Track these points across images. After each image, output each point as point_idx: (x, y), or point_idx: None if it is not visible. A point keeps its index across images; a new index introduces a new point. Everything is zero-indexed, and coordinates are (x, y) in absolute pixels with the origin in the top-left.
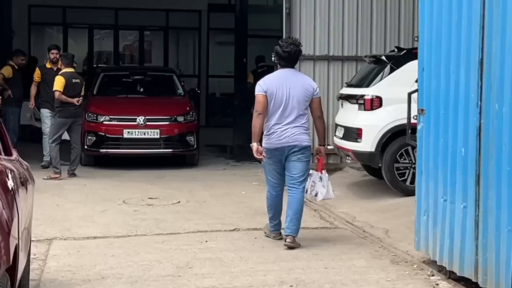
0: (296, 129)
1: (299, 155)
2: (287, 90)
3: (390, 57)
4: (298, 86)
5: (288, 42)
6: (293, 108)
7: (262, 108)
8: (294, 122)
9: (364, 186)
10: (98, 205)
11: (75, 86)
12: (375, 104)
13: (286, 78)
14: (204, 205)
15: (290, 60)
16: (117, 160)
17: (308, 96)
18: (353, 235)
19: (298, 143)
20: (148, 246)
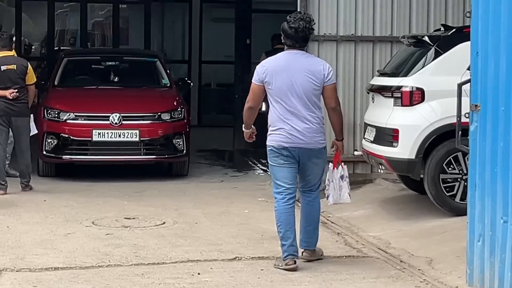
0: (306, 126)
1: (314, 159)
2: (290, 76)
3: (434, 38)
4: (302, 71)
5: (297, 17)
6: (300, 100)
7: (254, 100)
8: (301, 118)
9: (401, 203)
10: (60, 227)
11: (7, 74)
12: (415, 98)
13: (290, 61)
14: (196, 227)
15: (297, 39)
16: (84, 169)
17: (317, 83)
18: (387, 266)
19: (312, 146)
20: (124, 279)
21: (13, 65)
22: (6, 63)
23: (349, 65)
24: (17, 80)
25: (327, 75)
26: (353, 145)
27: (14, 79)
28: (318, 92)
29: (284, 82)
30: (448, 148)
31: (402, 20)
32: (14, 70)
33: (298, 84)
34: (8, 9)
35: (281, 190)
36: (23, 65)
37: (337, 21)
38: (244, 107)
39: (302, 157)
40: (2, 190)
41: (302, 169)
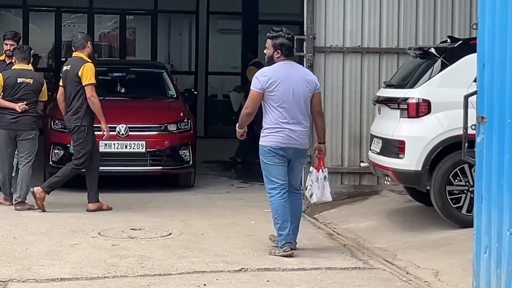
0: (300, 130)
1: (301, 159)
2: (291, 85)
3: (441, 50)
4: (301, 80)
5: (284, 29)
6: (298, 105)
7: (253, 106)
8: (298, 122)
9: (407, 215)
10: (66, 237)
11: (21, 88)
12: (421, 110)
13: (290, 71)
14: (202, 239)
15: (291, 49)
16: None
17: (310, 91)
18: (394, 278)
19: (303, 147)
20: None
21: (30, 79)
22: (24, 76)
23: (355, 77)
24: (30, 94)
25: (317, 84)
26: (359, 156)
27: (27, 93)
28: (309, 99)
29: (286, 89)
30: (455, 160)
31: (409, 32)
32: (30, 85)
33: (298, 91)
34: (15, 20)
35: (276, 186)
36: (40, 82)
37: (344, 33)
38: (243, 112)
39: (293, 157)
40: (8, 201)
41: (290, 169)
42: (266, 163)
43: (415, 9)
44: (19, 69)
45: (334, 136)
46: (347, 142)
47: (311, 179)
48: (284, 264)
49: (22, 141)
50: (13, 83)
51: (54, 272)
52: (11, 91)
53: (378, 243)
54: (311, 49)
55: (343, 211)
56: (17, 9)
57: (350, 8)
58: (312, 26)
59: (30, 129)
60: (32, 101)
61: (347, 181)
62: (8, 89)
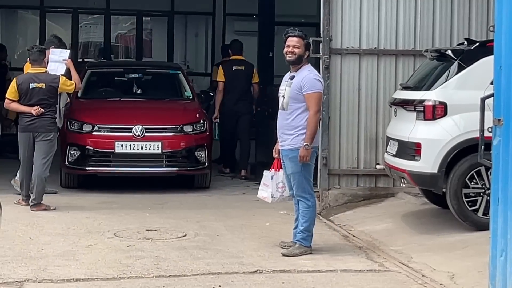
0: None
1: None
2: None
3: (457, 52)
4: None
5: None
6: None
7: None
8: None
9: (423, 217)
10: (82, 238)
11: (34, 93)
12: (438, 112)
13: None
14: (217, 240)
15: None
16: (107, 181)
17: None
18: (409, 280)
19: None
20: None
21: (42, 83)
22: (35, 81)
23: (371, 79)
24: (43, 98)
25: None
26: (375, 158)
27: (40, 98)
28: None
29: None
30: (471, 162)
31: (425, 34)
32: (42, 89)
33: None
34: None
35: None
36: (53, 84)
37: (360, 35)
38: (315, 118)
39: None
40: (25, 202)
41: None
42: (310, 165)
43: (432, 11)
44: (32, 73)
45: (350, 138)
46: (363, 144)
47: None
48: (299, 266)
49: (40, 142)
50: (26, 89)
51: (69, 272)
52: (25, 97)
53: (394, 245)
54: (327, 51)
55: (359, 213)
56: (34, 9)
57: (366, 9)
58: (328, 28)
59: (47, 131)
60: (47, 104)
61: (362, 183)
62: (22, 95)
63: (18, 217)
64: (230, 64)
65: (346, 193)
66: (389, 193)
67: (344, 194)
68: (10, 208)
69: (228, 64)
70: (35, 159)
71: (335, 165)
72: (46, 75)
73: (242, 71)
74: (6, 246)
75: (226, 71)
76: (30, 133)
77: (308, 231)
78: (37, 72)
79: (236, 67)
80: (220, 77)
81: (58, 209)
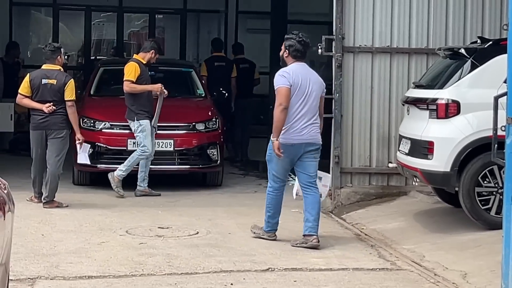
0: (314, 126)
1: (315, 154)
2: (309, 85)
3: (471, 51)
4: (316, 82)
5: (299, 33)
6: (311, 104)
7: (287, 102)
8: (312, 119)
9: (435, 216)
10: (94, 235)
11: (46, 88)
12: (451, 111)
13: (307, 72)
14: (229, 238)
15: (305, 53)
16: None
17: (321, 92)
18: (422, 279)
19: (316, 141)
20: None
21: (53, 80)
22: (48, 77)
23: (384, 77)
24: (54, 94)
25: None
26: (387, 157)
27: (52, 94)
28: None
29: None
30: (484, 161)
31: (438, 32)
32: (54, 85)
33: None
34: (45, 19)
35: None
36: (63, 81)
37: (373, 33)
38: (277, 112)
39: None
40: (37, 199)
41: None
42: (272, 156)
43: (445, 9)
44: (45, 69)
45: (363, 137)
46: (375, 143)
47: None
48: (311, 264)
49: (52, 139)
50: (38, 85)
51: (81, 269)
52: (37, 92)
53: (406, 244)
54: (340, 49)
55: (371, 211)
56: (47, 7)
57: (379, 8)
58: (341, 26)
59: (60, 128)
60: (59, 101)
61: (375, 181)
62: (34, 90)
63: (31, 214)
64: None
65: (358, 191)
66: (402, 192)
67: (356, 193)
68: (23, 205)
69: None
70: (48, 157)
71: (348, 164)
72: (58, 72)
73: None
74: (18, 243)
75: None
76: (43, 131)
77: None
78: (50, 69)
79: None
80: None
81: (71, 206)
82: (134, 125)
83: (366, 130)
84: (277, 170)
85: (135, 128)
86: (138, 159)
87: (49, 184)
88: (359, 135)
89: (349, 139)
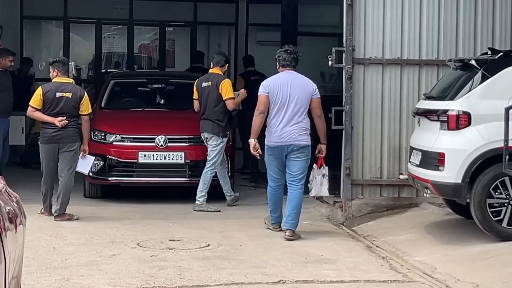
0: (295, 129)
1: (298, 154)
2: (289, 90)
3: (481, 62)
4: (299, 86)
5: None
6: (294, 108)
7: (263, 107)
8: (292, 122)
9: (447, 228)
10: (105, 248)
11: (61, 101)
12: (462, 122)
13: (292, 78)
14: (240, 250)
15: (292, 60)
16: (130, 191)
17: (308, 96)
18: None
19: (297, 142)
20: None
21: (69, 93)
22: (63, 90)
23: (395, 88)
24: (69, 108)
25: (314, 90)
26: (398, 168)
27: (66, 107)
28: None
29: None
30: (495, 172)
31: (449, 44)
32: (69, 99)
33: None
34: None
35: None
36: (78, 94)
37: (383, 44)
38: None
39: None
40: (47, 212)
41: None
42: (266, 158)
43: (455, 21)
44: (59, 82)
45: (373, 148)
46: (386, 154)
47: (312, 175)
48: (322, 277)
49: (64, 153)
50: (52, 97)
51: (93, 282)
52: (51, 105)
53: (417, 256)
54: (350, 61)
55: (382, 223)
56: (58, 20)
57: (389, 19)
58: (351, 38)
59: (72, 142)
60: (72, 115)
61: (386, 193)
62: (47, 103)
63: (42, 227)
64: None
65: (369, 203)
66: (413, 203)
67: (367, 204)
68: (34, 218)
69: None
70: (61, 170)
71: (358, 175)
72: (72, 85)
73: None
74: (30, 256)
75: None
76: (55, 145)
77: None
78: (64, 82)
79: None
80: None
81: (82, 219)
82: (217, 141)
83: (376, 141)
84: (271, 170)
85: (216, 143)
86: (210, 176)
87: (61, 197)
88: (370, 147)
89: (359, 150)
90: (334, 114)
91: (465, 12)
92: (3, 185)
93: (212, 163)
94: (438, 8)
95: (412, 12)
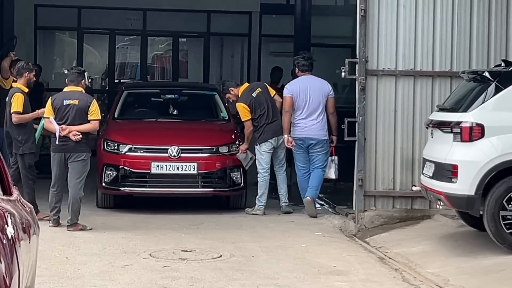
0: (316, 124)
1: (319, 148)
2: (309, 91)
3: (495, 74)
4: (316, 88)
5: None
6: (313, 107)
7: (289, 107)
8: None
9: (460, 240)
10: (118, 258)
11: (67, 110)
12: (475, 134)
13: (310, 81)
14: (253, 261)
15: (305, 66)
16: (142, 201)
17: (325, 95)
18: None
19: (317, 136)
20: None
21: (75, 100)
22: (70, 98)
23: (408, 100)
24: (78, 115)
25: (330, 90)
26: (411, 180)
27: (75, 115)
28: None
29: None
30: (508, 184)
31: (462, 55)
32: (76, 106)
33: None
34: (70, 42)
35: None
36: (86, 102)
37: (396, 56)
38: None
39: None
40: (53, 223)
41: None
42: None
43: (469, 33)
44: (67, 91)
45: (386, 160)
46: (399, 166)
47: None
48: None
49: (72, 163)
50: (60, 106)
51: None
52: (59, 113)
53: (430, 268)
54: (364, 72)
55: (395, 235)
56: (72, 31)
57: (402, 31)
58: (364, 49)
59: (79, 151)
60: (81, 123)
61: (399, 205)
62: (56, 112)
63: (55, 237)
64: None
65: (382, 214)
66: (425, 215)
67: (380, 216)
68: (47, 228)
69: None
70: (69, 180)
71: (371, 187)
72: (80, 93)
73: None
74: (43, 266)
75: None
76: (62, 154)
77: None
78: (72, 90)
79: None
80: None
81: (94, 229)
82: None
83: (389, 153)
84: (298, 160)
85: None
86: (266, 181)
87: (71, 207)
88: (383, 158)
89: (372, 162)
90: (347, 125)
91: (478, 23)
92: (17, 195)
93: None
94: (451, 20)
95: (426, 23)
